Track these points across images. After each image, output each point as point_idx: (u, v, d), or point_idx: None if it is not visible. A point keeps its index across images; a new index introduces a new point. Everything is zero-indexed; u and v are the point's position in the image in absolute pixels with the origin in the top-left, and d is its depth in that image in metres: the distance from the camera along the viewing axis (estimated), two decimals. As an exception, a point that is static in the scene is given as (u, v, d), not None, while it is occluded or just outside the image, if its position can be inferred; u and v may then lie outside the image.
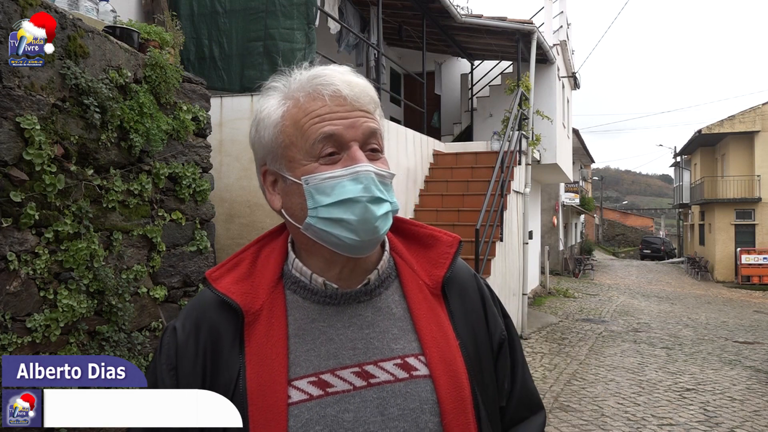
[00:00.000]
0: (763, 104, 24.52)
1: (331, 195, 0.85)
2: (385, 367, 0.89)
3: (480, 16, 10.35)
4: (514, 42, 10.79)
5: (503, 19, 10.31)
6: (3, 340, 2.72)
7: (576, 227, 30.58)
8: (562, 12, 13.26)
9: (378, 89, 7.85)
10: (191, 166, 4.21)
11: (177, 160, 4.10)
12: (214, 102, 5.52)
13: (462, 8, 10.68)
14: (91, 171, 3.31)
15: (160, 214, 3.92)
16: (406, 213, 7.99)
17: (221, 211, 5.99)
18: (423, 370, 0.89)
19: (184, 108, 4.17)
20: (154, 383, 0.93)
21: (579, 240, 32.03)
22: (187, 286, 4.18)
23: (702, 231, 29.38)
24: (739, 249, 23.31)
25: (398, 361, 0.89)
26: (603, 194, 56.69)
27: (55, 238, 3.04)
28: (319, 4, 6.53)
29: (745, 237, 24.73)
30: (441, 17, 10.01)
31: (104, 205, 3.40)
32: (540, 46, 10.84)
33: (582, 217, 33.89)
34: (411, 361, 0.90)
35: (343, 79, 0.89)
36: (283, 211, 0.93)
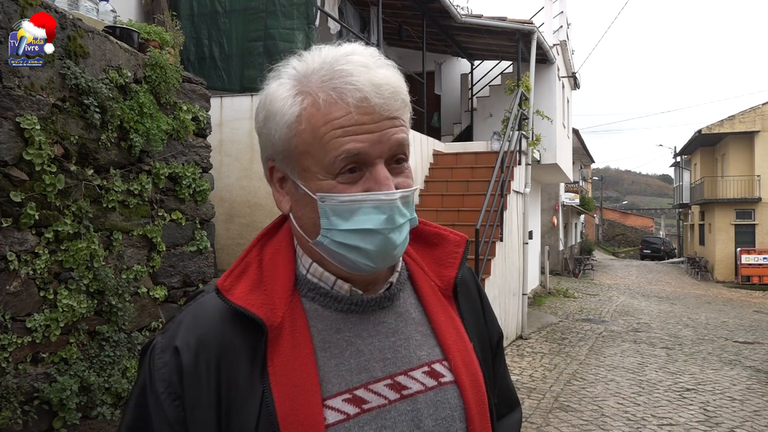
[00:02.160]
0: (763, 104, 24.53)
1: (349, 220, 0.76)
2: (415, 376, 0.84)
3: (480, 16, 10.35)
4: (514, 42, 10.79)
5: (503, 19, 10.31)
6: (3, 340, 2.72)
7: (576, 227, 30.58)
8: (562, 12, 13.26)
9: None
10: (191, 166, 4.21)
11: (177, 160, 4.10)
12: (214, 102, 5.52)
13: (462, 8, 10.68)
14: (91, 171, 3.31)
15: (160, 214, 3.92)
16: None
17: (221, 211, 6.00)
18: (448, 376, 0.85)
19: (184, 108, 4.17)
20: (140, 417, 0.78)
21: (579, 240, 32.03)
22: (187, 286, 4.18)
23: (702, 231, 29.38)
24: (739, 249, 23.33)
25: (426, 368, 0.85)
26: (603, 194, 56.69)
27: (55, 238, 3.04)
28: (319, 4, 6.53)
29: (745, 237, 24.76)
30: (441, 17, 10.02)
31: (104, 205, 3.40)
32: (540, 46, 10.84)
33: (582, 217, 33.89)
34: (437, 367, 0.86)
35: (371, 80, 0.75)
36: (291, 216, 0.84)
